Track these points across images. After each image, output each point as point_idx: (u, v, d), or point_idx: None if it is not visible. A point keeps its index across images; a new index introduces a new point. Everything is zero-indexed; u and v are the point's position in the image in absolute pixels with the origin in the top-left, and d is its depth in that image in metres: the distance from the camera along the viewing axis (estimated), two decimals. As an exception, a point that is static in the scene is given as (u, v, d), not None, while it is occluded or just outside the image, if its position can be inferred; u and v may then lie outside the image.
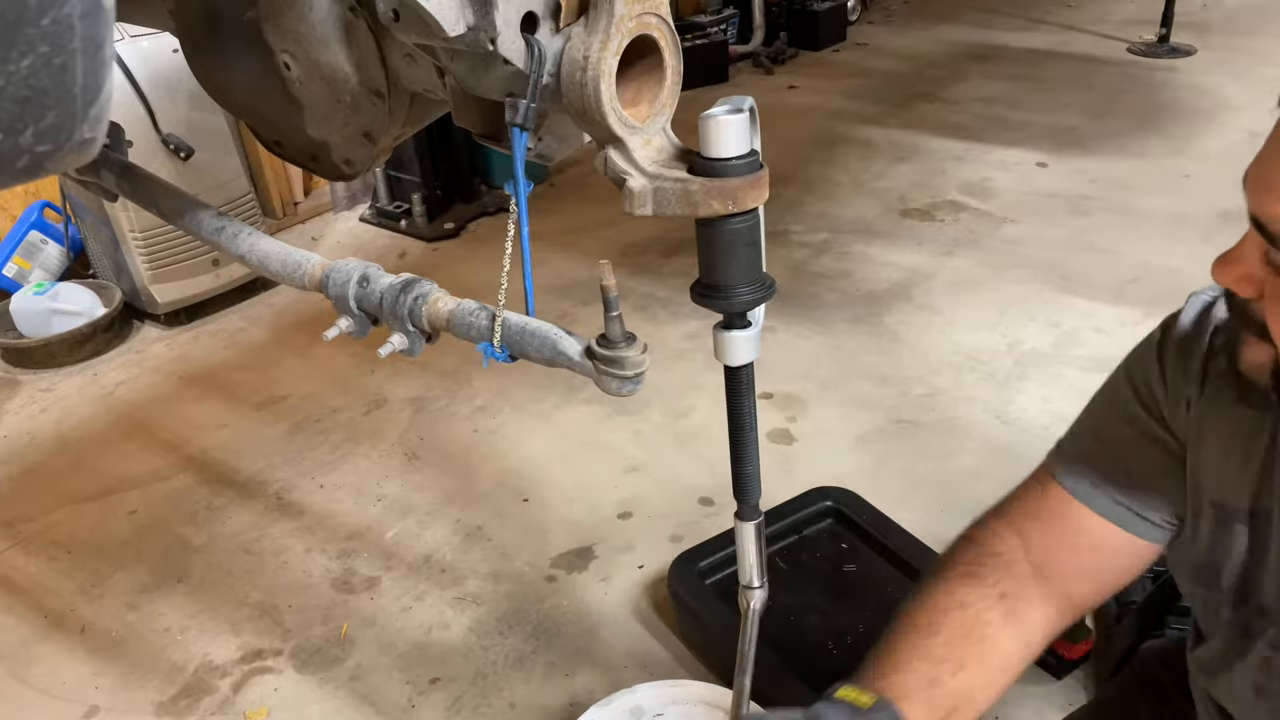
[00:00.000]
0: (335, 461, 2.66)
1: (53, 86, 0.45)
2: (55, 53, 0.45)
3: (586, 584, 2.18)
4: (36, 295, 3.21)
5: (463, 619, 2.13)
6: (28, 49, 0.43)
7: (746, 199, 0.85)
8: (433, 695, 1.95)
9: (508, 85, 0.84)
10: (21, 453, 2.80)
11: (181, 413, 2.92)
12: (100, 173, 1.23)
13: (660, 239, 3.64)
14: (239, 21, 1.00)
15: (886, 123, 4.54)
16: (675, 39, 0.86)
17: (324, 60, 0.97)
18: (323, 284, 1.03)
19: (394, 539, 2.37)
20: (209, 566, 2.33)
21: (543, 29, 0.81)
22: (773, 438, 2.54)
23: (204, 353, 3.25)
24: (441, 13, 0.77)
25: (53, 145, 0.48)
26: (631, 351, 0.84)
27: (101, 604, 2.24)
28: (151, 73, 2.97)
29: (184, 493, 2.58)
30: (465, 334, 0.93)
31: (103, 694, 2.02)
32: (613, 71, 0.80)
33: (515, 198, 0.84)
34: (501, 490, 2.50)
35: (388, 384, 2.96)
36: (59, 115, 0.47)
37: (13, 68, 0.43)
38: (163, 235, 3.18)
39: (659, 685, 1.64)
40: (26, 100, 0.45)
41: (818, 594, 1.93)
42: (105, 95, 0.51)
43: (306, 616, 2.17)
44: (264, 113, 1.11)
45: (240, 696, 1.99)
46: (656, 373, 0.91)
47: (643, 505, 2.39)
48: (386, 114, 1.00)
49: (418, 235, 3.94)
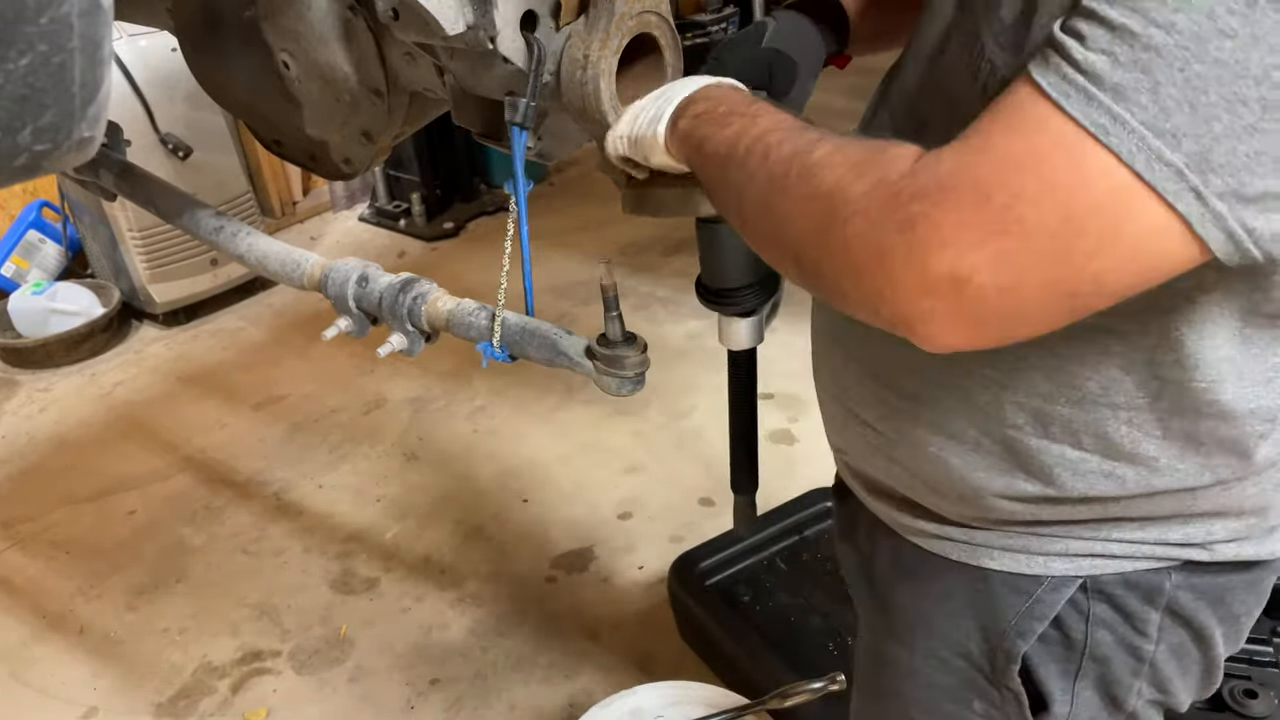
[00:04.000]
0: (334, 462, 2.65)
1: (51, 85, 0.45)
2: (54, 51, 0.44)
3: (586, 585, 2.18)
4: (34, 295, 3.21)
5: (462, 620, 2.12)
6: (26, 48, 0.43)
7: (747, 198, 0.85)
8: (432, 696, 1.95)
9: (507, 84, 0.84)
10: (20, 453, 2.79)
11: (180, 413, 2.92)
12: (98, 172, 1.22)
13: (660, 239, 3.63)
14: (238, 21, 1.00)
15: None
16: (675, 38, 0.86)
17: (323, 59, 0.97)
18: (322, 283, 1.03)
19: (393, 539, 2.37)
20: (208, 567, 2.33)
21: (542, 27, 0.81)
22: (774, 438, 2.54)
23: (203, 353, 3.24)
24: (441, 11, 0.77)
25: (51, 144, 0.48)
26: (631, 351, 0.84)
27: (100, 605, 2.24)
28: (150, 72, 2.97)
29: (183, 493, 2.57)
30: (465, 334, 0.93)
31: (101, 695, 2.02)
32: (613, 70, 0.79)
33: (515, 197, 0.84)
34: (501, 491, 2.49)
35: (387, 384, 2.96)
36: (57, 114, 0.47)
37: (11, 66, 0.43)
38: (161, 235, 3.17)
39: (659, 686, 1.64)
40: (25, 99, 0.45)
41: (818, 594, 1.92)
42: (103, 94, 0.50)
43: (305, 617, 2.16)
44: (263, 112, 1.11)
45: (239, 697, 1.99)
46: (656, 373, 0.91)
47: (643, 505, 2.39)
48: (385, 113, 0.99)
49: (417, 235, 3.93)
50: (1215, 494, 0.73)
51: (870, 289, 0.59)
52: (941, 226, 0.55)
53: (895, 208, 0.57)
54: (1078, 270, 0.54)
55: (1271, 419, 0.70)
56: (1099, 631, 0.79)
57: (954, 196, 0.55)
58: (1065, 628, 0.80)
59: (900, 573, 0.90)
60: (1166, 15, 0.50)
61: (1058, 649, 0.81)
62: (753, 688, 1.63)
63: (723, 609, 1.84)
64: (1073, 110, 0.52)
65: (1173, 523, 0.75)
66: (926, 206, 0.55)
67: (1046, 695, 0.82)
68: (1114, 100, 0.51)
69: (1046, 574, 0.79)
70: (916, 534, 0.86)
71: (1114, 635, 0.79)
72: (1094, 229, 0.52)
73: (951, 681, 0.87)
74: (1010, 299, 0.55)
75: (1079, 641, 0.79)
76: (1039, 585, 0.79)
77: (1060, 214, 0.53)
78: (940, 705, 0.89)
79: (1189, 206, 0.51)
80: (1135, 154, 0.51)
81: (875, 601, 0.95)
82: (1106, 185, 0.52)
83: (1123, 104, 0.51)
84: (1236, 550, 0.76)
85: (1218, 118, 0.50)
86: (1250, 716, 1.44)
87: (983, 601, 0.82)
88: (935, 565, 0.85)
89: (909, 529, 0.87)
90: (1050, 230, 0.53)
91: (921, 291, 0.56)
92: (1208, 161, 0.50)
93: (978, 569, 0.82)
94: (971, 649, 0.84)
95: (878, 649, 0.95)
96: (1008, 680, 0.83)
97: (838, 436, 0.93)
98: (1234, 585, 0.79)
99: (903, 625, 0.90)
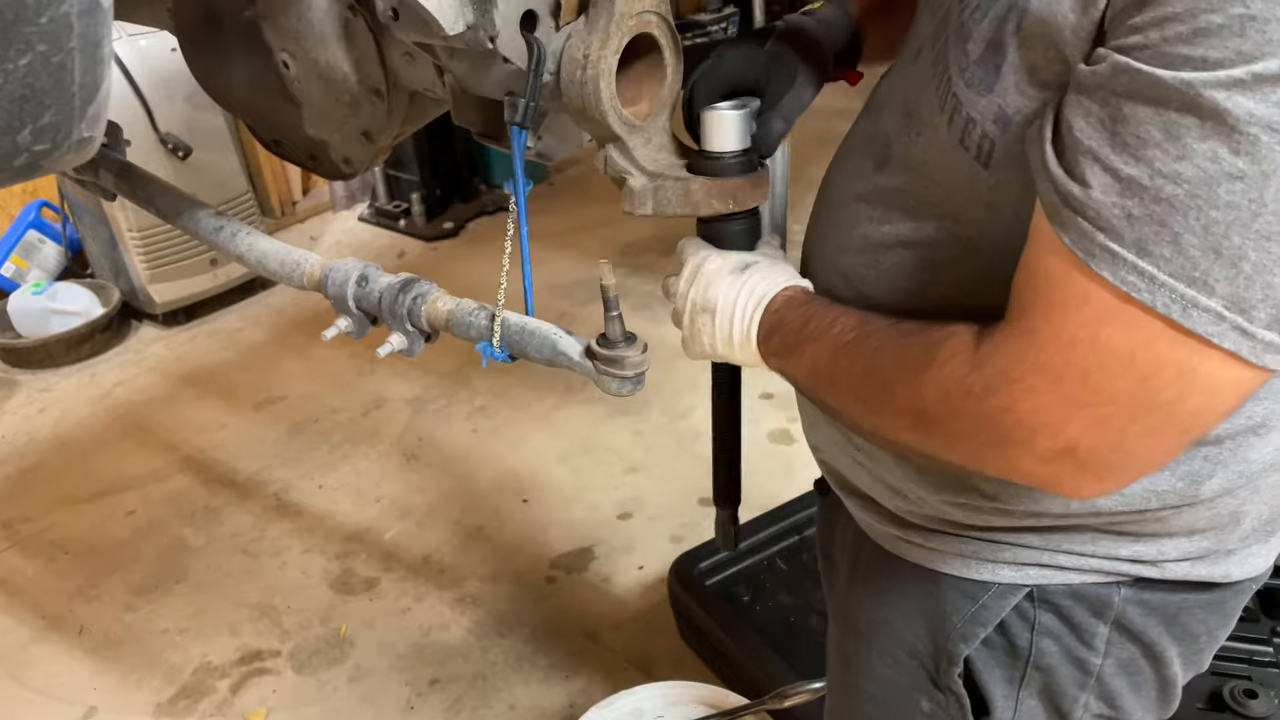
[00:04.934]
0: (334, 462, 2.65)
1: (51, 85, 0.45)
2: (53, 51, 0.44)
3: (586, 585, 2.18)
4: (34, 295, 3.21)
5: (462, 620, 2.12)
6: (26, 48, 0.43)
7: (747, 198, 0.85)
8: (432, 697, 1.95)
9: (507, 84, 0.84)
10: (20, 453, 2.79)
11: (180, 413, 2.92)
12: (98, 172, 1.22)
13: (660, 239, 3.63)
14: (238, 20, 1.00)
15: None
16: (675, 37, 0.85)
17: (323, 59, 0.97)
18: (321, 283, 1.02)
19: (393, 540, 2.37)
20: (207, 567, 2.33)
21: (542, 27, 0.81)
22: (773, 438, 2.54)
23: (202, 353, 3.24)
24: (441, 11, 0.77)
25: (50, 144, 0.48)
26: (631, 351, 0.84)
27: (100, 605, 2.24)
28: (150, 72, 2.96)
29: (182, 493, 2.57)
30: (464, 334, 0.93)
31: (101, 695, 2.02)
32: (613, 70, 0.79)
33: (515, 197, 0.84)
34: (501, 491, 2.49)
35: (387, 384, 2.96)
36: (57, 114, 0.47)
37: (11, 66, 0.43)
38: (161, 235, 3.17)
39: (659, 687, 1.64)
40: (24, 99, 0.45)
41: (818, 594, 1.92)
42: (103, 94, 0.50)
43: (305, 617, 2.16)
44: (263, 112, 1.10)
45: (239, 698, 1.99)
46: (656, 373, 0.91)
47: (643, 506, 2.39)
48: (385, 113, 0.99)
49: (417, 235, 3.93)
50: (1164, 516, 0.73)
51: (998, 470, 0.64)
52: (1027, 415, 0.57)
53: (976, 409, 0.60)
54: (1172, 413, 0.55)
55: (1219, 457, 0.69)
56: (1044, 641, 0.79)
57: (1022, 385, 0.57)
58: (1010, 635, 0.80)
59: (865, 572, 0.91)
60: (1171, 165, 0.50)
61: (1002, 655, 0.81)
62: (753, 688, 1.63)
63: (723, 609, 1.84)
64: (1103, 272, 0.53)
65: (1123, 539, 0.75)
66: (1004, 400, 0.58)
67: (989, 700, 0.83)
68: (1138, 256, 0.52)
69: (994, 580, 0.79)
70: (881, 535, 0.87)
71: (1059, 645, 0.79)
72: (1169, 378, 0.54)
73: (904, 680, 0.88)
74: (1121, 453, 0.57)
75: (1024, 649, 0.80)
76: (986, 591, 0.80)
77: (1132, 376, 0.54)
78: (893, 703, 0.90)
79: (1237, 344, 0.52)
80: (1171, 305, 0.52)
81: (842, 598, 0.97)
82: (1161, 341, 0.53)
83: (1147, 259, 0.51)
84: (1188, 570, 0.75)
85: (1245, 257, 0.50)
86: (1250, 716, 1.44)
87: (933, 603, 0.83)
88: (895, 567, 0.86)
89: (874, 530, 0.88)
90: (1129, 391, 0.55)
91: (1040, 464, 0.59)
92: (1245, 299, 0.51)
93: (932, 572, 0.83)
94: (920, 649, 0.85)
95: (843, 646, 0.97)
96: (949, 682, 0.83)
97: (813, 433, 0.94)
98: (1190, 605, 0.78)
99: (864, 623, 0.91)
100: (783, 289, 0.79)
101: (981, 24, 0.61)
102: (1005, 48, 0.59)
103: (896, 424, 0.68)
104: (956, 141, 0.65)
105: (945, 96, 0.65)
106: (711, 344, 0.83)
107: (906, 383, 0.65)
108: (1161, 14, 0.49)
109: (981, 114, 0.62)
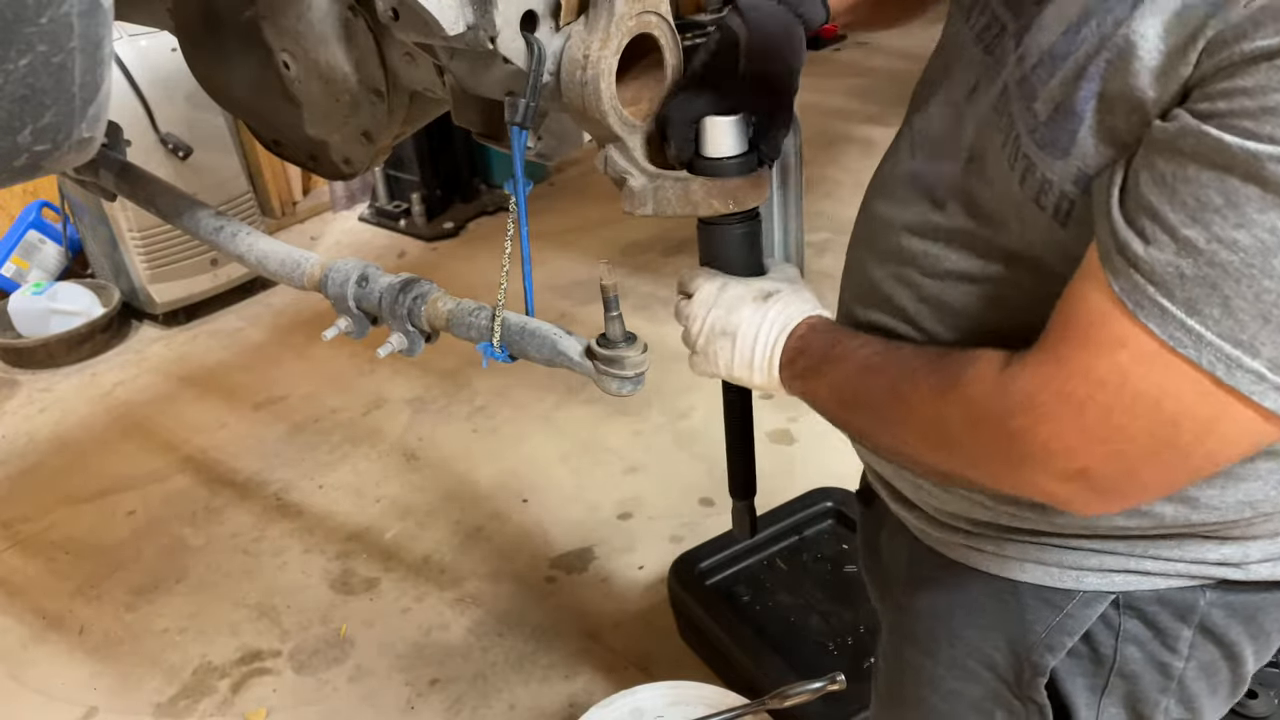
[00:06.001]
0: (334, 462, 2.65)
1: (51, 85, 0.45)
2: (54, 51, 0.44)
3: (586, 585, 2.18)
4: (35, 295, 3.21)
5: (462, 620, 2.12)
6: (26, 48, 0.43)
7: (747, 198, 0.85)
8: (432, 697, 1.95)
9: (507, 84, 0.84)
10: (20, 453, 2.79)
11: (180, 413, 2.92)
12: (99, 172, 1.22)
13: (660, 239, 3.63)
14: (238, 20, 1.00)
15: (887, 121, 4.52)
16: (675, 38, 0.86)
17: (323, 59, 0.97)
18: (321, 284, 1.03)
19: (393, 540, 2.37)
20: (207, 567, 2.33)
21: (542, 27, 0.81)
22: (773, 438, 2.54)
23: (202, 353, 3.24)
24: (441, 11, 0.77)
25: (51, 144, 0.48)
26: (631, 351, 0.84)
27: (100, 605, 2.24)
28: (150, 72, 2.96)
29: (182, 493, 2.57)
30: (465, 334, 0.93)
31: (101, 695, 2.02)
32: (613, 70, 0.79)
33: (515, 197, 0.84)
34: (501, 491, 2.49)
35: (387, 384, 2.96)
36: (57, 114, 0.47)
37: (11, 66, 0.43)
38: (161, 235, 3.17)
39: (659, 687, 1.64)
40: (25, 99, 0.45)
41: (818, 594, 1.93)
42: (103, 94, 0.50)
43: (305, 617, 2.16)
44: (263, 112, 1.10)
45: (239, 697, 1.99)
46: (656, 373, 0.91)
47: (642, 506, 2.39)
48: (385, 113, 0.99)
49: (417, 235, 3.93)
50: (1255, 522, 0.73)
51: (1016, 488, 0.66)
52: (1047, 439, 0.59)
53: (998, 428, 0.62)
54: (1186, 455, 0.57)
55: None
56: (1128, 648, 0.78)
57: (1046, 410, 0.59)
58: (1095, 643, 0.79)
59: (923, 579, 0.89)
60: (1229, 232, 0.51)
61: (1086, 664, 0.80)
62: (753, 688, 1.63)
63: (723, 609, 1.84)
64: (1149, 323, 0.54)
65: (1209, 543, 0.74)
66: (1026, 421, 0.60)
67: (1071, 710, 0.82)
68: (1187, 314, 0.53)
69: (1079, 589, 0.78)
70: (943, 543, 0.86)
71: (1144, 652, 0.78)
72: (1190, 426, 0.56)
73: (976, 692, 0.86)
74: (1134, 481, 0.60)
75: (1108, 657, 0.79)
76: (1070, 599, 0.79)
77: (1155, 419, 0.56)
78: (963, 715, 0.88)
79: (1276, 403, 0.53)
80: (1216, 364, 0.53)
81: (898, 607, 0.95)
82: (1194, 392, 0.54)
83: (1196, 318, 0.53)
84: (1271, 570, 0.75)
85: None
86: (1250, 716, 1.44)
87: (1011, 613, 0.82)
88: (961, 574, 0.84)
89: (931, 537, 0.87)
90: (1149, 431, 0.57)
91: (1054, 483, 0.61)
92: None
93: (1007, 580, 0.81)
94: (998, 660, 0.84)
95: (899, 655, 0.95)
96: (1033, 693, 0.82)
97: (869, 454, 0.93)
98: (1267, 604, 0.78)
99: (925, 632, 0.90)
100: (806, 318, 0.81)
101: (1049, 84, 0.61)
102: (1080, 114, 0.59)
103: (919, 442, 0.70)
104: (1031, 200, 0.64)
105: (1015, 155, 0.65)
106: (728, 367, 0.84)
107: (931, 402, 0.67)
108: (1233, 86, 0.50)
109: (1059, 176, 0.62)
